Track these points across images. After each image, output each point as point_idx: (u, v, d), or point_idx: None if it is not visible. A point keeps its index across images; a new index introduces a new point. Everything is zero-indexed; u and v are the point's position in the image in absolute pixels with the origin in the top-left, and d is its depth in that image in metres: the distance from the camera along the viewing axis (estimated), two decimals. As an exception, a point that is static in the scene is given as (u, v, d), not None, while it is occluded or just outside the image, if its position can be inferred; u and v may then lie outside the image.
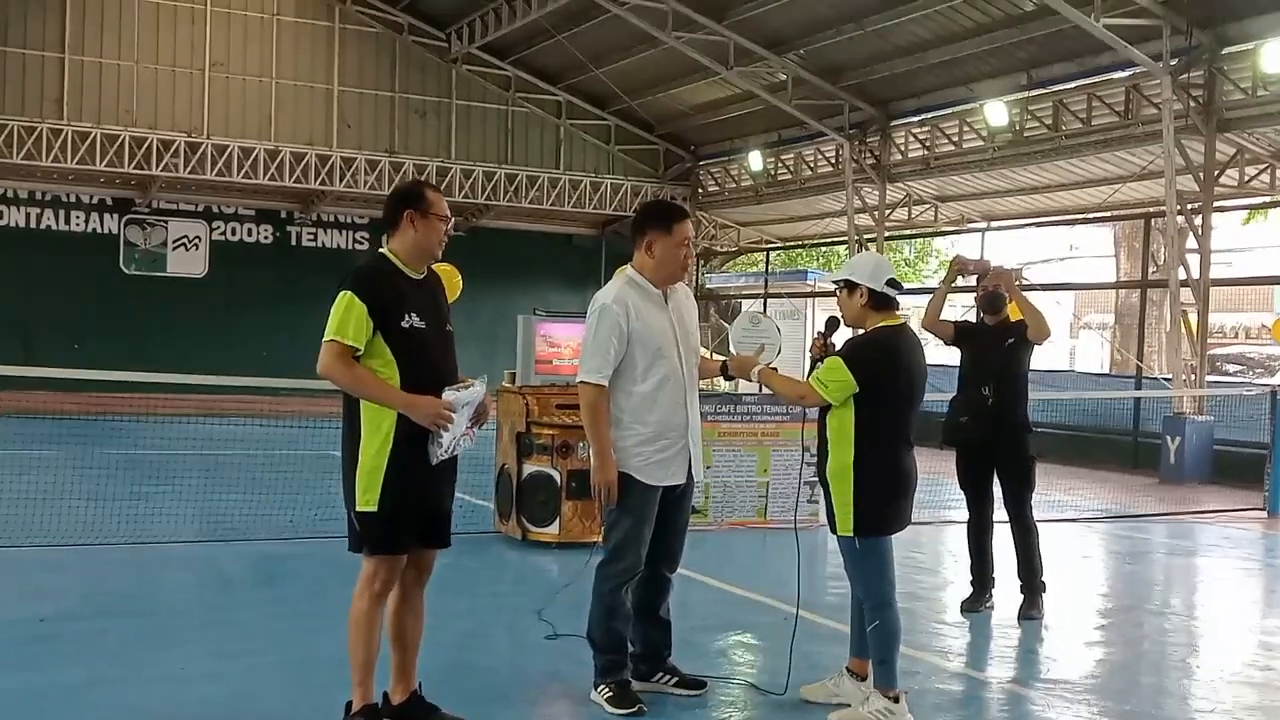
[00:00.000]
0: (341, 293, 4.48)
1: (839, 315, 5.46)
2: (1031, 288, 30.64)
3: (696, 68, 20.63)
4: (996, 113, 18.17)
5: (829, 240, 26.90)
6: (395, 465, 4.46)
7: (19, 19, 21.22)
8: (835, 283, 5.36)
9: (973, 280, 7.50)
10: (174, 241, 23.60)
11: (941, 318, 7.33)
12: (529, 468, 8.91)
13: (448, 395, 4.46)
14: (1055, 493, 13.11)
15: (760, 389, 6.04)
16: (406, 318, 4.51)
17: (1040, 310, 7.18)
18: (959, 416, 7.21)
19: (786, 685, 5.40)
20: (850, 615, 5.40)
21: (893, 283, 5.25)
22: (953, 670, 6.24)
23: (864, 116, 20.75)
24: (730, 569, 8.11)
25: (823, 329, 5.45)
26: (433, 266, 4.79)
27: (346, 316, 4.43)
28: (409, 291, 4.59)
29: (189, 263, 23.68)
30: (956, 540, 7.65)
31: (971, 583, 7.39)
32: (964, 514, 7.44)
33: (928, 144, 20.50)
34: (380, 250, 4.70)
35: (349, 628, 4.52)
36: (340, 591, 4.62)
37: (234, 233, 23.96)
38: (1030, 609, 7.16)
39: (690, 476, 5.29)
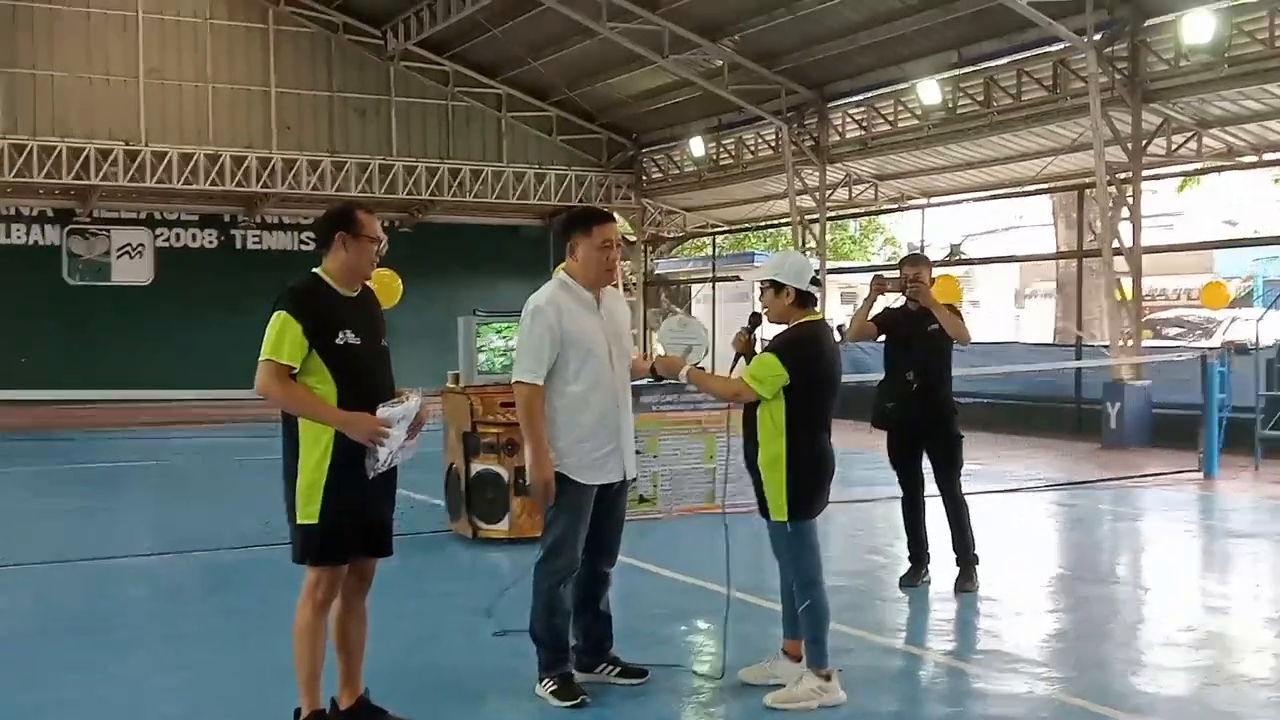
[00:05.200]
0: (276, 313, 4.59)
1: (760, 312, 5.65)
2: (970, 261, 30.92)
3: (633, 57, 20.74)
4: (929, 91, 18.47)
5: (772, 223, 27.15)
6: (334, 479, 4.58)
7: (-53, 34, 21.01)
8: (761, 282, 5.56)
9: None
10: (118, 250, 23.47)
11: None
12: (476, 466, 9.04)
13: (382, 412, 4.58)
14: (1000, 463, 13.42)
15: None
16: (341, 335, 4.63)
17: (957, 318, 7.41)
18: (886, 401, 7.46)
19: (723, 669, 5.59)
20: (781, 598, 5.59)
21: (815, 280, 5.50)
22: (889, 645, 6.44)
23: (801, 100, 20.97)
24: (678, 557, 8.28)
25: (746, 325, 5.62)
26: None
27: (281, 336, 4.55)
28: (342, 309, 4.71)
29: (134, 271, 23.56)
30: (892, 517, 7.86)
31: (909, 558, 7.62)
32: (897, 491, 7.66)
33: (864, 124, 20.76)
34: (314, 270, 4.81)
35: (294, 637, 4.64)
36: (289, 600, 4.75)
37: (178, 238, 23.89)
38: (965, 581, 7.39)
39: (624, 475, 5.44)
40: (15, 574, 8.35)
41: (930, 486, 7.53)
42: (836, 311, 27.32)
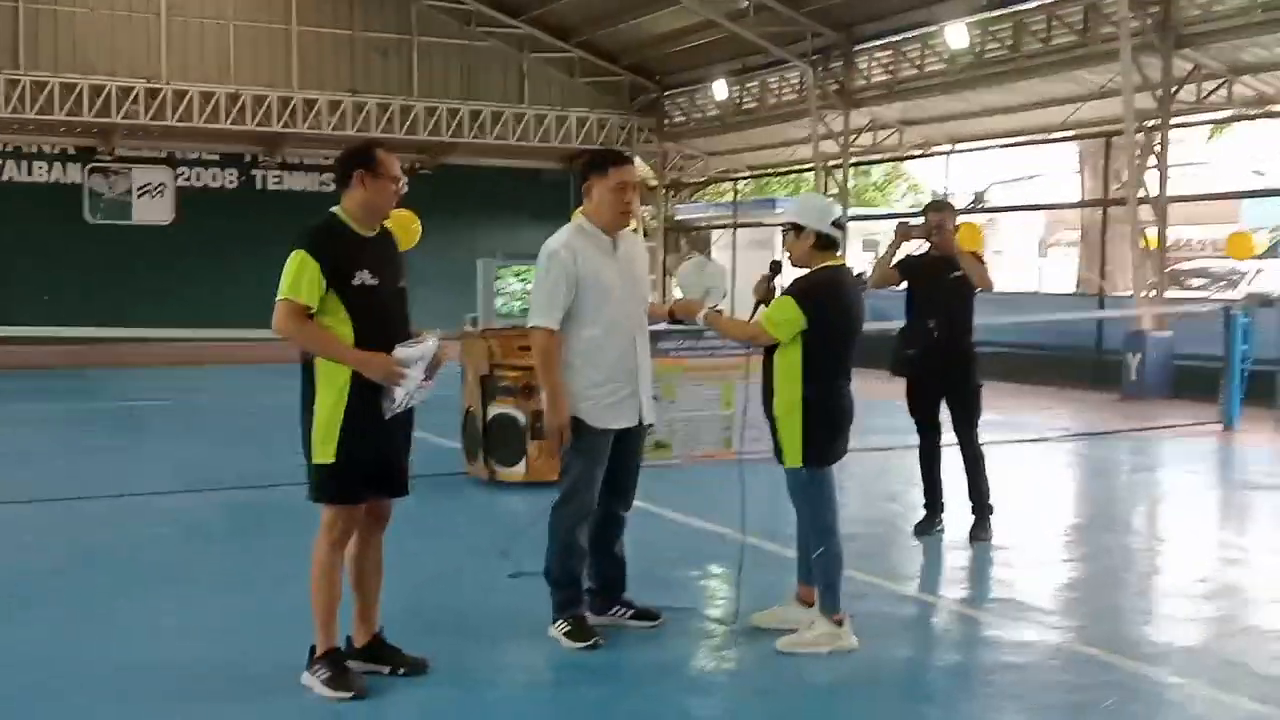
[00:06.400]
0: (294, 252, 4.58)
1: (781, 260, 5.62)
2: (994, 209, 30.61)
3: (658, -4, 20.53)
4: (957, 35, 18.23)
5: (795, 168, 26.93)
6: (350, 418, 4.59)
7: (-33, -32, 20.95)
8: (783, 225, 5.52)
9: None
10: (139, 189, 23.47)
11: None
12: (494, 410, 9.06)
13: (399, 352, 4.58)
14: (1019, 413, 13.38)
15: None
16: (358, 275, 4.62)
17: (980, 264, 7.36)
18: (907, 349, 7.42)
19: (737, 614, 5.62)
20: (796, 544, 5.60)
21: (837, 224, 5.44)
22: (902, 593, 6.46)
23: (826, 42, 20.74)
24: (694, 502, 8.29)
25: (766, 273, 5.60)
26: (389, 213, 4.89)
27: (299, 275, 4.55)
28: (360, 250, 4.69)
29: (155, 210, 23.58)
30: (908, 466, 7.85)
31: (924, 506, 7.61)
32: (915, 440, 7.64)
33: (890, 68, 20.51)
34: (332, 210, 4.78)
35: (310, 575, 4.68)
36: (306, 539, 4.78)
37: (199, 178, 23.86)
38: (980, 531, 7.39)
39: (641, 420, 5.44)
40: (37, 510, 8.42)
41: (948, 435, 7.51)
42: (858, 260, 27.17)
